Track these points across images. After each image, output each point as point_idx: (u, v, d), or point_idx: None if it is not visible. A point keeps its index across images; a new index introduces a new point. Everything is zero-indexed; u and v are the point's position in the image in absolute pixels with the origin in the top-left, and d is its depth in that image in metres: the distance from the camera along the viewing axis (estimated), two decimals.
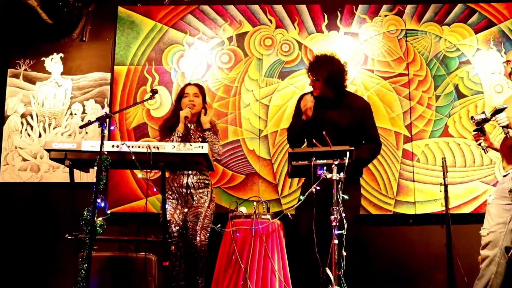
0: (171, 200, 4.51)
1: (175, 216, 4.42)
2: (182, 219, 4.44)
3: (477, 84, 5.60)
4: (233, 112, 5.62)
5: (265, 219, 3.98)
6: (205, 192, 4.51)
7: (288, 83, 5.66)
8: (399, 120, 5.55)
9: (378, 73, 5.66)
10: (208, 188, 4.55)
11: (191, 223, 4.36)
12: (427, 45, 5.71)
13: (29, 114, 5.71)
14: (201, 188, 4.51)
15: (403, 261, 5.36)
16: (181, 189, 4.48)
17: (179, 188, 4.49)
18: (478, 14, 5.73)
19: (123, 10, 5.87)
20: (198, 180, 4.50)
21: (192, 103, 4.57)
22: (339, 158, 3.66)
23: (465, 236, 5.10)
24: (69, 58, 5.84)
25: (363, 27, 5.78)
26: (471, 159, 5.45)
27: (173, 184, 4.53)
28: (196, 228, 4.32)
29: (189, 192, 4.48)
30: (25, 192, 5.61)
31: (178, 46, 5.80)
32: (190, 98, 4.61)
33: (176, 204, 4.49)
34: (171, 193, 4.53)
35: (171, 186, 4.54)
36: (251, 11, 5.83)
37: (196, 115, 4.65)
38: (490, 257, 3.73)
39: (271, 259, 3.84)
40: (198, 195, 4.48)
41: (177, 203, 4.50)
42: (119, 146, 3.63)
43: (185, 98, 4.63)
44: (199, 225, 4.32)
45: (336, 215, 3.57)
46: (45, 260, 5.44)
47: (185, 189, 4.48)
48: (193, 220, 4.37)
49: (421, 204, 5.38)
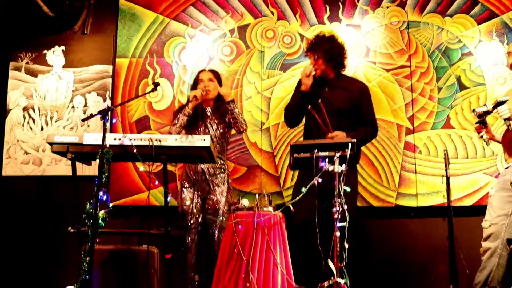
0: (187, 188, 4.52)
1: (192, 207, 4.43)
2: (199, 209, 4.46)
3: (479, 75, 5.58)
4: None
5: (267, 212, 3.98)
6: (221, 179, 4.51)
7: (290, 75, 5.65)
8: (401, 112, 5.54)
9: (380, 65, 5.65)
10: (224, 174, 4.54)
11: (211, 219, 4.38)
12: (429, 36, 5.69)
13: (31, 107, 5.72)
14: (217, 174, 4.50)
15: (405, 254, 5.36)
16: (196, 176, 4.49)
17: (194, 175, 4.50)
18: (480, 5, 5.70)
19: (125, 3, 5.85)
20: (214, 166, 4.50)
21: (207, 88, 4.55)
22: (341, 150, 3.65)
23: (467, 229, 5.09)
24: (70, 51, 5.84)
25: (365, 19, 5.76)
26: (473, 151, 5.45)
27: (189, 171, 4.54)
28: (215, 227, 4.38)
29: (204, 178, 4.48)
30: (28, 185, 5.63)
31: (180, 39, 5.80)
32: (205, 83, 4.59)
33: (192, 193, 4.50)
34: (187, 181, 4.54)
35: (187, 174, 4.55)
36: (253, 3, 5.82)
37: (213, 100, 4.64)
38: (492, 249, 3.74)
39: (273, 251, 3.85)
40: (214, 181, 4.48)
41: (193, 191, 4.50)
42: (121, 139, 3.63)
43: (200, 84, 4.60)
44: (218, 223, 4.35)
45: (338, 207, 3.58)
46: (48, 253, 5.46)
47: (200, 175, 4.48)
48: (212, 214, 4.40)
49: (423, 196, 5.38)
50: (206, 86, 4.55)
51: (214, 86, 4.60)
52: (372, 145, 5.43)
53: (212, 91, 4.57)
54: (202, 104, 4.60)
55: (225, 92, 4.54)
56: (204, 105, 4.61)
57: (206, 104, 4.61)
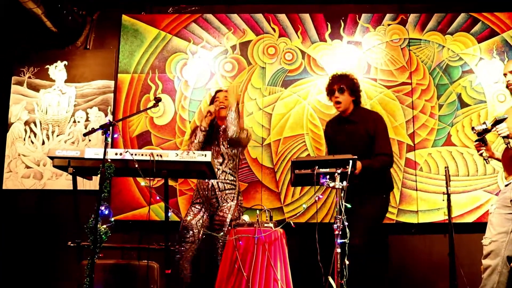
0: (195, 204, 4.54)
1: (193, 222, 4.43)
2: (201, 225, 4.45)
3: (480, 93, 5.61)
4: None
5: (268, 227, 3.98)
6: (230, 195, 4.50)
7: (291, 91, 5.67)
8: (402, 129, 5.55)
9: (381, 82, 5.67)
10: (234, 190, 4.54)
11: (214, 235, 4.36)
12: (430, 54, 5.71)
13: (32, 121, 5.73)
14: (227, 190, 4.50)
15: (406, 270, 5.35)
16: (206, 192, 4.50)
17: (204, 191, 4.51)
18: (481, 24, 5.74)
19: (127, 19, 5.89)
20: (224, 181, 4.51)
21: (221, 105, 4.61)
22: (342, 167, 3.67)
23: (468, 245, 5.10)
24: (73, 66, 5.87)
25: (366, 36, 5.79)
26: (474, 168, 5.45)
27: (200, 186, 4.55)
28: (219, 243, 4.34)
29: (214, 193, 4.49)
30: (28, 199, 5.62)
31: (182, 55, 5.82)
32: (220, 100, 4.65)
33: (199, 210, 4.51)
34: (197, 197, 4.56)
35: (198, 189, 4.57)
36: (255, 20, 5.85)
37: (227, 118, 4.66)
38: (492, 267, 3.72)
39: (274, 267, 3.84)
40: (223, 197, 4.48)
41: (200, 208, 4.52)
42: (123, 153, 3.64)
43: (215, 102, 4.67)
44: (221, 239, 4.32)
45: (339, 224, 3.58)
46: (47, 267, 5.44)
47: (210, 191, 4.49)
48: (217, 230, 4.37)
49: (423, 213, 5.38)
50: (221, 103, 4.61)
51: (228, 104, 4.62)
52: None
53: (226, 108, 4.60)
54: (217, 121, 4.65)
55: (230, 102, 4.56)
56: (219, 123, 4.67)
57: (220, 122, 4.66)
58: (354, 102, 4.53)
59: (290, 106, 5.63)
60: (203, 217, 4.49)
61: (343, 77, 4.51)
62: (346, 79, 4.49)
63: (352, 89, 4.48)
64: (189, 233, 4.40)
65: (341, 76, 4.52)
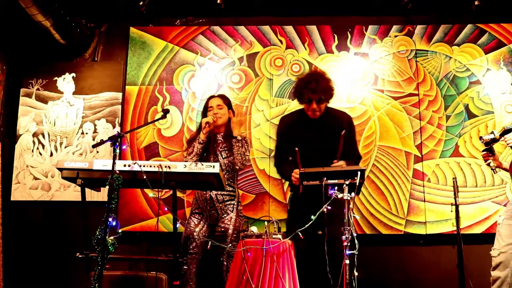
0: (195, 214, 4.52)
1: (195, 233, 4.42)
2: (203, 236, 4.44)
3: (488, 104, 5.60)
4: (243, 132, 5.63)
5: (276, 239, 3.97)
6: (230, 207, 4.48)
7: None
8: (410, 140, 5.55)
9: (388, 93, 5.68)
10: (233, 201, 4.51)
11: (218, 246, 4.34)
12: (437, 65, 5.72)
13: (41, 133, 5.76)
14: (226, 201, 4.48)
15: (414, 282, 5.32)
16: (205, 203, 4.48)
17: (203, 202, 4.49)
18: (488, 35, 5.75)
19: (135, 31, 5.93)
20: (223, 193, 4.47)
21: (217, 116, 4.56)
22: (350, 178, 3.66)
23: (477, 256, 5.07)
24: (81, 78, 5.90)
25: (373, 48, 5.81)
26: (482, 179, 5.44)
27: (199, 198, 4.53)
28: (223, 255, 4.33)
29: (212, 205, 4.46)
30: (36, 210, 5.63)
31: (189, 66, 5.85)
32: (214, 110, 4.60)
33: (199, 220, 4.49)
34: (196, 207, 4.55)
35: (197, 200, 4.55)
36: (262, 32, 5.88)
37: (224, 126, 4.64)
38: (501, 278, 3.71)
39: (282, 279, 3.83)
40: (223, 209, 4.45)
41: (200, 218, 4.50)
42: (131, 165, 3.65)
43: (209, 112, 4.61)
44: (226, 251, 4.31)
45: (347, 235, 3.58)
46: (56, 278, 5.44)
47: (209, 203, 4.47)
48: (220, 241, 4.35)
49: (432, 224, 5.36)
50: (215, 113, 4.57)
51: (224, 112, 4.61)
52: (381, 173, 5.45)
53: (222, 117, 4.58)
54: (214, 130, 4.60)
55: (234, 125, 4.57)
56: (215, 130, 4.61)
57: (217, 130, 4.62)
58: (325, 107, 4.39)
59: None
60: (204, 227, 4.48)
61: (320, 83, 4.20)
62: (324, 87, 4.21)
63: (330, 96, 4.30)
64: (192, 244, 4.39)
65: (317, 81, 4.20)
